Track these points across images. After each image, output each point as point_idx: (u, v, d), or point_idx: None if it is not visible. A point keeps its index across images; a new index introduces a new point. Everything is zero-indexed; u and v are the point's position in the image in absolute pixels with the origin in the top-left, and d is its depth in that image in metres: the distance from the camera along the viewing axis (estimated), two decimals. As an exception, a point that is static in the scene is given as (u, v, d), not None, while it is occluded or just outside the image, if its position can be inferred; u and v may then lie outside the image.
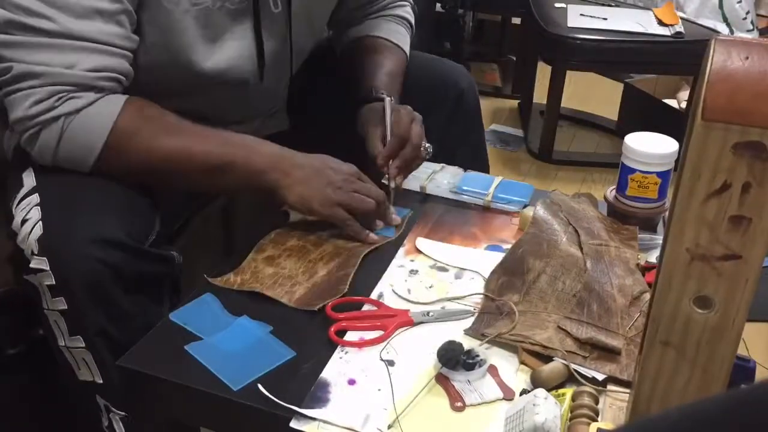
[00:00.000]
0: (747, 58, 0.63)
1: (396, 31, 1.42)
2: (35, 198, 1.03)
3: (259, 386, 0.90)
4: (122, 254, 0.99)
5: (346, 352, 0.97)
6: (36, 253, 0.99)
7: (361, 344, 0.97)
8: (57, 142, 1.03)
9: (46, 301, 1.01)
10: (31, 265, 0.99)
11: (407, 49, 1.43)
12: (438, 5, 3.15)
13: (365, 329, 1.00)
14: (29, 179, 1.07)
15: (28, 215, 1.01)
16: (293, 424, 0.86)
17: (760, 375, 0.92)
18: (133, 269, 1.01)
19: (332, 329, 0.98)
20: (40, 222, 1.00)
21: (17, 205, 1.04)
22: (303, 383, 0.91)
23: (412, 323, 1.01)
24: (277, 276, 1.09)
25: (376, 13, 1.44)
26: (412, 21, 1.48)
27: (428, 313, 1.03)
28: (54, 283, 0.98)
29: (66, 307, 1.00)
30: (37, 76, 1.01)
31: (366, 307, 1.04)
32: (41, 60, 1.01)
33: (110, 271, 0.99)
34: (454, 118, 1.43)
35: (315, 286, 1.07)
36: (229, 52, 1.18)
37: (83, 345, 1.03)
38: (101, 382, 1.06)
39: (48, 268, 0.98)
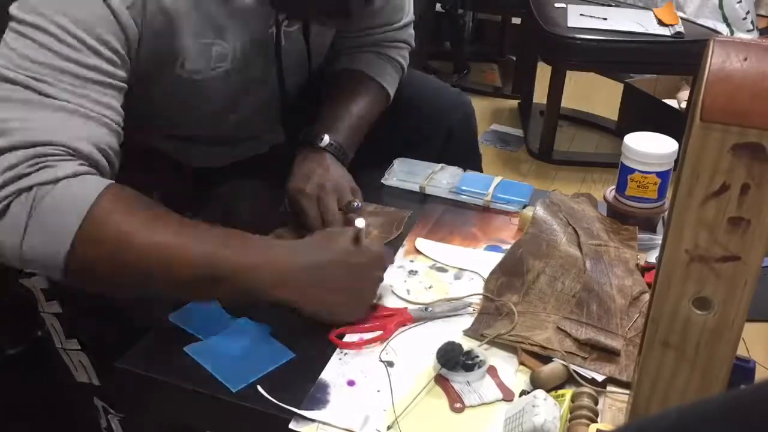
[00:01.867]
0: (745, 59, 0.63)
1: (383, 70, 1.35)
2: None
3: (259, 388, 0.90)
4: None
5: (345, 354, 0.96)
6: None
7: (361, 344, 0.97)
8: (27, 218, 0.84)
9: (41, 304, 1.01)
10: (26, 270, 0.99)
11: (391, 90, 1.35)
12: (438, 5, 3.15)
13: (365, 330, 1.00)
14: None
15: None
16: (292, 425, 0.86)
17: (760, 375, 0.92)
18: None
19: (334, 332, 0.98)
20: None
21: None
22: (302, 385, 0.91)
23: (411, 320, 1.01)
24: None
25: (369, 47, 1.37)
26: (405, 65, 1.40)
27: (427, 308, 1.03)
28: (47, 286, 0.98)
29: (61, 311, 1.00)
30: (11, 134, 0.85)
31: None
32: (19, 116, 0.86)
33: None
34: (448, 149, 1.41)
35: None
36: (253, 102, 1.20)
37: (79, 347, 1.03)
38: (98, 384, 1.06)
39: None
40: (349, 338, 0.98)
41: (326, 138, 1.20)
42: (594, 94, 3.14)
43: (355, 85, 1.31)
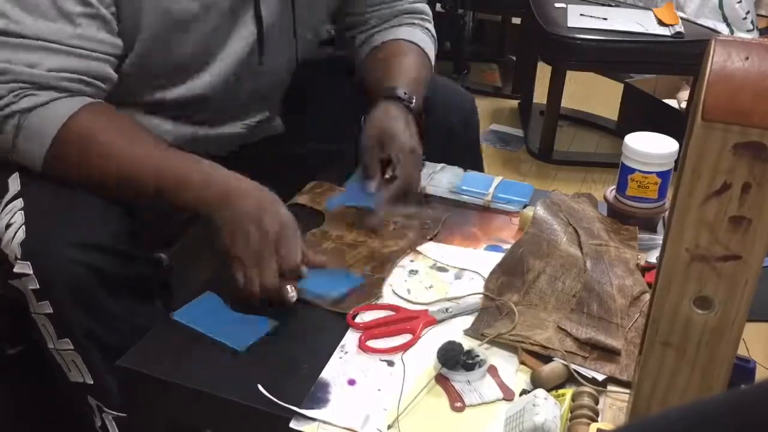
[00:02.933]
0: (747, 58, 0.63)
1: (422, 39, 1.39)
2: (19, 203, 1.03)
3: (259, 386, 0.90)
4: (106, 257, 0.99)
5: (346, 352, 0.97)
6: (19, 257, 0.99)
7: (392, 350, 0.97)
8: (13, 138, 1.02)
9: (32, 305, 1.01)
10: (15, 270, 0.99)
11: (432, 56, 1.40)
12: (438, 5, 3.14)
13: (394, 334, 0.99)
14: (14, 184, 1.07)
15: (12, 220, 1.01)
16: (293, 424, 0.86)
17: (760, 375, 0.92)
18: (118, 272, 1.01)
19: (363, 339, 0.98)
20: (23, 226, 1.00)
21: (2, 209, 1.04)
22: (302, 383, 0.91)
23: (435, 322, 1.01)
24: None
25: (391, 20, 1.40)
26: (436, 37, 1.45)
27: (447, 309, 1.03)
28: (38, 287, 0.98)
29: (52, 311, 1.00)
30: None
31: (383, 312, 1.04)
32: (3, 58, 1.00)
33: (94, 273, 0.98)
34: (449, 147, 1.40)
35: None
36: (231, 44, 1.19)
37: (72, 347, 1.03)
38: (91, 382, 1.06)
39: (31, 273, 0.98)
40: (376, 344, 0.98)
41: (406, 93, 1.24)
42: (594, 94, 3.14)
43: (405, 51, 1.34)
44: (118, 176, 1.04)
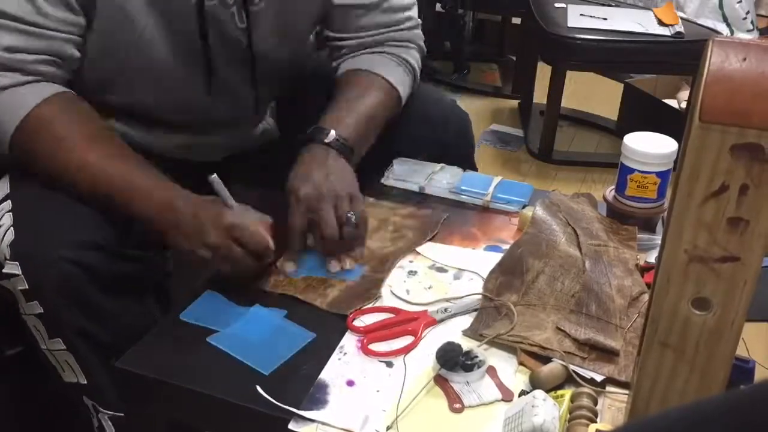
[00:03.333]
0: (744, 59, 0.63)
1: (390, 69, 1.29)
2: (7, 204, 1.04)
3: (258, 388, 0.90)
4: (96, 255, 1.00)
5: (345, 354, 0.97)
6: (8, 258, 0.99)
7: (394, 353, 0.97)
8: None
9: (22, 306, 1.01)
10: (5, 271, 0.99)
11: (403, 91, 1.29)
12: (438, 5, 3.14)
13: (395, 336, 0.99)
14: (4, 187, 1.07)
15: (1, 222, 1.02)
16: (292, 426, 0.86)
17: (759, 375, 0.92)
18: (109, 270, 1.01)
19: (366, 343, 0.98)
20: (12, 228, 1.00)
21: None
22: (301, 385, 0.91)
23: (435, 322, 1.01)
24: (311, 279, 1.09)
25: (373, 47, 1.32)
26: (417, 68, 1.34)
27: (446, 309, 1.03)
28: (27, 287, 0.99)
29: (42, 311, 1.00)
30: None
31: (383, 315, 1.03)
32: None
33: (84, 272, 0.99)
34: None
35: (348, 290, 1.07)
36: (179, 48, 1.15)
37: (64, 347, 1.03)
38: (85, 382, 1.06)
39: (20, 273, 0.98)
40: (378, 347, 0.98)
41: (332, 133, 1.15)
42: (594, 94, 3.14)
43: (363, 83, 1.26)
44: (69, 175, 1.04)
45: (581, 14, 2.59)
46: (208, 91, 1.19)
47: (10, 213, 1.02)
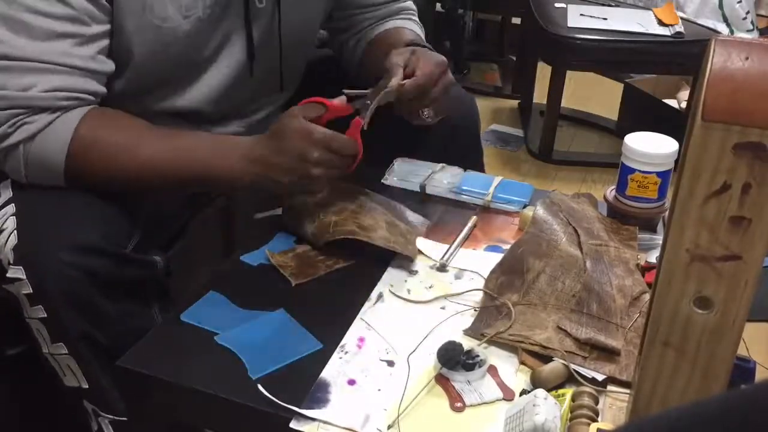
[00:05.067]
0: (747, 58, 0.63)
1: (414, 26, 1.39)
2: (11, 208, 1.03)
3: (259, 386, 0.90)
4: (99, 259, 0.99)
5: (346, 352, 0.97)
6: (12, 262, 0.99)
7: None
8: (23, 167, 1.03)
9: (25, 309, 1.01)
10: (8, 275, 0.99)
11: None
12: (438, 5, 3.14)
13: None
14: (6, 191, 1.07)
15: (4, 225, 1.01)
16: (293, 424, 0.86)
17: (760, 375, 0.92)
18: (111, 274, 1.01)
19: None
20: (15, 231, 1.00)
21: None
22: (303, 383, 0.91)
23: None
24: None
25: (389, 17, 1.40)
26: (423, 33, 1.43)
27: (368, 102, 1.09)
28: (31, 291, 0.98)
29: (45, 315, 1.00)
30: None
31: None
32: None
33: (87, 276, 0.98)
34: (450, 145, 1.38)
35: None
36: (222, 58, 1.19)
37: (66, 352, 1.03)
38: (87, 387, 1.06)
39: (24, 277, 0.98)
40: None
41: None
42: (594, 94, 3.14)
43: (396, 36, 1.32)
44: (138, 174, 1.07)
45: (581, 14, 2.59)
46: (249, 75, 1.23)
47: (14, 216, 1.02)
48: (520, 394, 0.90)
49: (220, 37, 1.17)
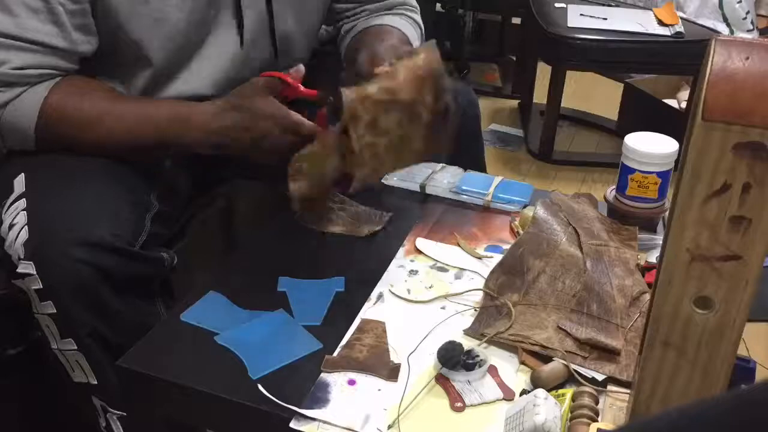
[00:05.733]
0: (747, 58, 0.63)
1: (403, 25, 1.36)
2: (22, 203, 1.03)
3: (259, 386, 0.90)
4: (109, 256, 0.99)
5: (346, 353, 0.97)
6: (22, 257, 0.99)
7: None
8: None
9: (35, 305, 1.01)
10: (19, 270, 0.99)
11: (416, 45, 1.33)
12: (438, 5, 3.14)
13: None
14: (19, 185, 1.07)
15: (15, 220, 1.01)
16: (293, 424, 0.86)
17: (760, 375, 0.92)
18: (121, 270, 1.01)
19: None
20: (26, 226, 1.00)
21: (6, 210, 1.04)
22: (303, 383, 0.91)
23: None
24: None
25: (384, 11, 1.39)
26: (422, 28, 1.42)
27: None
28: (41, 287, 0.98)
29: (55, 311, 1.00)
30: None
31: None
32: None
33: (97, 272, 0.99)
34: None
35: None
36: (214, 45, 1.19)
37: (75, 347, 1.03)
38: (95, 383, 1.06)
39: (35, 273, 0.98)
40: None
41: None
42: (594, 94, 3.14)
43: (380, 34, 1.30)
44: (108, 139, 1.09)
45: (581, 14, 2.59)
46: (244, 65, 1.23)
47: (25, 212, 1.02)
48: (520, 394, 0.90)
49: (211, 23, 1.17)
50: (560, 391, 0.89)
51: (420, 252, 1.16)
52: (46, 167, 1.08)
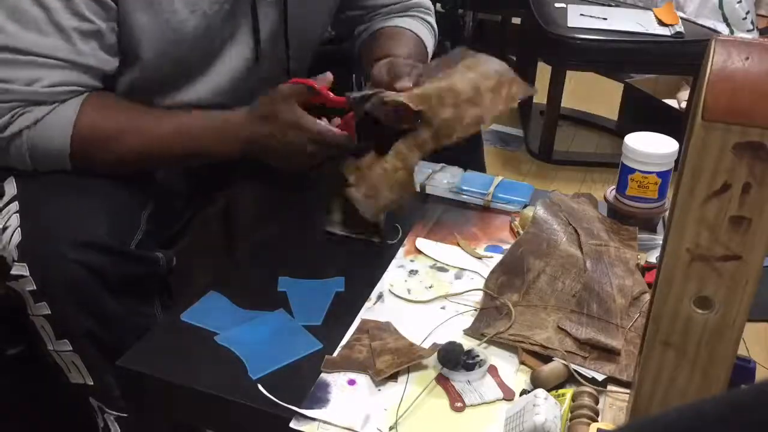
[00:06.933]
0: (747, 58, 0.63)
1: (417, 27, 1.36)
2: (15, 206, 1.03)
3: (259, 386, 0.90)
4: (103, 256, 0.99)
5: (346, 353, 0.97)
6: (16, 259, 0.99)
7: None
8: (28, 155, 1.04)
9: (30, 306, 1.01)
10: (12, 272, 0.99)
11: (429, 48, 1.37)
12: (438, 5, 3.14)
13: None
14: (11, 188, 1.07)
15: (8, 222, 1.01)
16: (293, 424, 0.86)
17: (760, 375, 0.92)
18: (116, 271, 1.01)
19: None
20: (19, 228, 1.00)
21: None
22: (303, 383, 0.91)
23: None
24: None
25: (399, 13, 1.39)
26: (436, 30, 1.43)
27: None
28: (35, 288, 0.98)
29: (50, 312, 1.00)
30: None
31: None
32: (3, 76, 1.00)
33: (92, 273, 0.98)
34: None
35: None
36: (229, 52, 1.18)
37: (71, 348, 1.03)
38: (92, 383, 1.06)
39: (28, 274, 0.98)
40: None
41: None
42: (594, 94, 3.14)
43: (395, 35, 1.31)
44: (143, 151, 1.09)
45: (581, 14, 2.59)
46: (257, 70, 1.23)
47: (18, 214, 1.02)
48: (520, 394, 0.90)
49: (228, 32, 1.17)
50: (560, 391, 0.89)
51: (420, 252, 1.16)
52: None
